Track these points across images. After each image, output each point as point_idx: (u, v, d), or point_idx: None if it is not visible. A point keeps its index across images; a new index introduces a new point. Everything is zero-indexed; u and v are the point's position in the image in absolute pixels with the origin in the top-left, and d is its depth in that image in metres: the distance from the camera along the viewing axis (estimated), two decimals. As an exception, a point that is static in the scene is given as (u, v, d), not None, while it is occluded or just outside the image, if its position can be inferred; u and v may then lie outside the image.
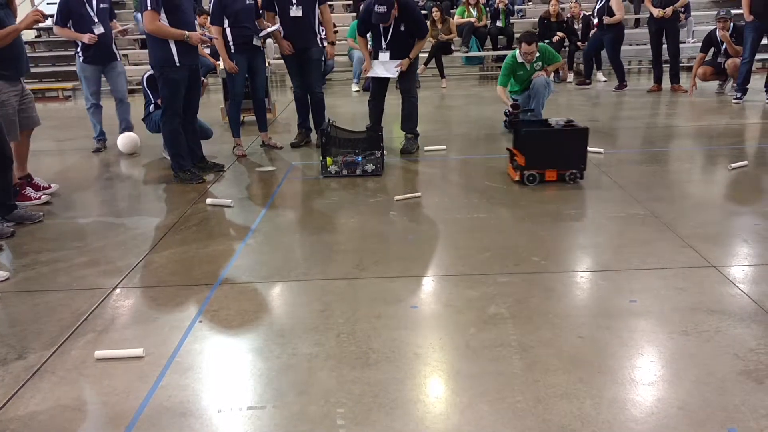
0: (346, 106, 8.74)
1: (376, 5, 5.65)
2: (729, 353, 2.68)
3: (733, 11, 8.85)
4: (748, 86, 7.86)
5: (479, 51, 11.23)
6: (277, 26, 6.17)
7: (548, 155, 5.02)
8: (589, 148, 5.86)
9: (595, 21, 9.42)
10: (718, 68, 8.55)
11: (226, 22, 5.94)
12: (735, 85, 8.06)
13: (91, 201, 5.24)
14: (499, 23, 11.06)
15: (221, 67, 6.25)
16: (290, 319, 3.12)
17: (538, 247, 3.87)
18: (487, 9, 11.15)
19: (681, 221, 4.19)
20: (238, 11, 5.95)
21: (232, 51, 6.03)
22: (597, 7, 9.37)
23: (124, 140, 6.74)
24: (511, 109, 6.18)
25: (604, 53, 9.81)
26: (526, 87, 6.79)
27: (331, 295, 3.35)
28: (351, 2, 12.25)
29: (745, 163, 5.34)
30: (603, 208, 4.54)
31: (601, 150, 5.84)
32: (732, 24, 8.38)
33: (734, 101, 7.84)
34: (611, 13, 9.05)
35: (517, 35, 9.51)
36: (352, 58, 10.35)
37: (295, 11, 6.15)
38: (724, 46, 8.43)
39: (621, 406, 2.37)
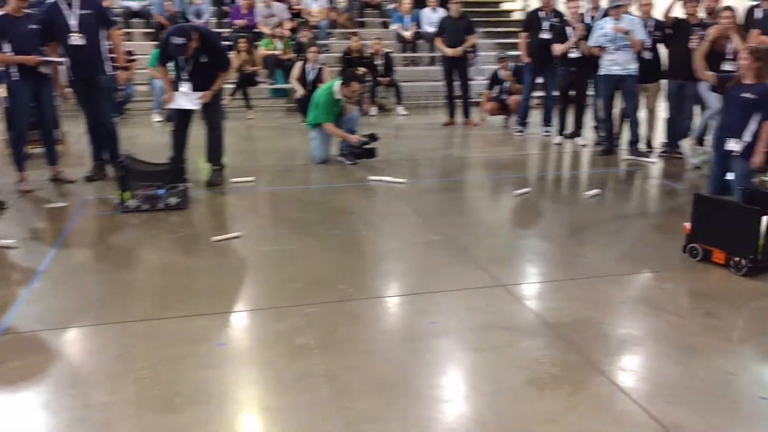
0: (147, 137, 8.36)
1: (173, 36, 5.49)
2: (518, 365, 2.92)
3: (510, 53, 9.81)
4: (528, 120, 8.73)
5: (285, 83, 11.34)
6: (59, 59, 5.77)
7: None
8: (392, 179, 6.13)
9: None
10: (502, 104, 9.40)
11: (7, 47, 5.45)
12: (517, 119, 8.91)
13: None
14: (302, 56, 11.26)
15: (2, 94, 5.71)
16: (84, 368, 2.89)
17: (345, 275, 3.96)
18: (292, 42, 11.33)
19: (475, 245, 4.52)
20: (19, 36, 5.48)
21: (16, 78, 5.53)
22: None
23: None
24: (356, 144, 6.82)
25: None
26: (337, 120, 6.98)
27: (130, 338, 3.16)
28: (152, 30, 11.81)
29: (528, 189, 5.89)
30: (405, 235, 4.76)
31: (404, 180, 6.14)
32: (513, 65, 9.28)
33: (516, 134, 8.66)
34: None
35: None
36: (154, 87, 9.97)
37: (77, 39, 5.78)
38: (507, 85, 9.30)
39: (425, 426, 2.49)
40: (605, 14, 7.34)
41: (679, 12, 7.21)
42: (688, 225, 4.28)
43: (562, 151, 7.82)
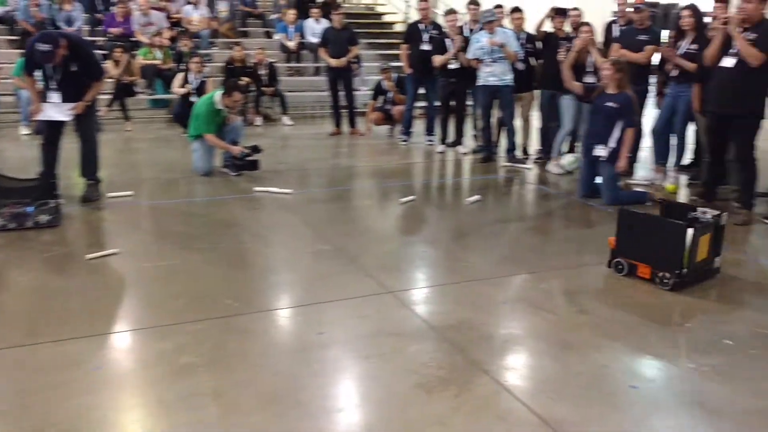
0: (14, 151, 7.83)
1: (39, 43, 5.18)
2: (407, 370, 2.97)
3: (393, 64, 10.00)
4: (412, 130, 8.93)
5: (165, 93, 10.98)
6: None
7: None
8: (278, 190, 6.08)
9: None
10: (387, 114, 9.56)
11: None
12: (402, 128, 9.09)
13: None
14: (183, 66, 10.94)
15: None
16: (-57, 402, 2.65)
17: (231, 289, 3.87)
18: (171, 51, 10.99)
19: (363, 253, 4.55)
20: None
21: None
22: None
23: None
24: (239, 156, 6.76)
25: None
26: (219, 130, 6.82)
27: (-3, 367, 2.94)
28: (17, 37, 11.07)
29: (413, 197, 6.02)
30: (293, 246, 4.73)
31: (290, 190, 6.10)
32: (396, 75, 9.46)
33: (401, 143, 8.83)
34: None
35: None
36: (20, 97, 9.34)
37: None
38: (390, 95, 9.47)
39: (315, 437, 2.47)
40: (481, 28, 7.64)
41: (548, 26, 7.64)
42: (612, 239, 4.20)
43: (444, 159, 8.05)
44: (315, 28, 11.50)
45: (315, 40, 10.98)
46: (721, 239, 4.17)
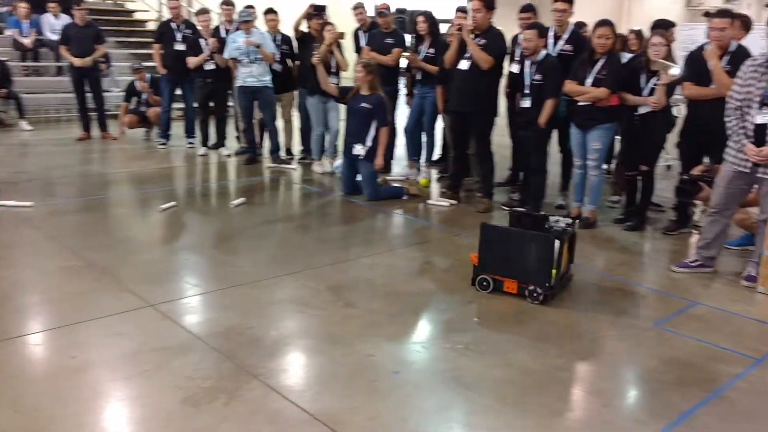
0: None
1: None
2: (171, 386, 2.83)
3: (147, 64, 9.48)
4: (170, 132, 8.53)
5: None
6: None
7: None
8: (15, 203, 5.48)
9: None
10: (142, 116, 9.03)
11: None
12: (159, 131, 8.65)
13: None
14: None
15: None
16: None
17: (-40, 320, 3.38)
18: None
19: (120, 266, 4.25)
20: None
21: None
22: None
23: None
24: None
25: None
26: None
27: None
28: None
29: (174, 203, 5.75)
30: (36, 264, 4.26)
31: (31, 203, 5.49)
32: (149, 75, 8.96)
33: (160, 147, 8.40)
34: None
35: None
36: None
37: None
38: (145, 96, 8.95)
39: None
40: (237, 28, 7.54)
41: (305, 26, 7.74)
42: (474, 256, 4.03)
43: (207, 162, 7.83)
44: (54, 23, 10.48)
45: (55, 36, 10.01)
46: (575, 247, 4.27)
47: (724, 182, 4.32)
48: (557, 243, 3.84)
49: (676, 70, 4.90)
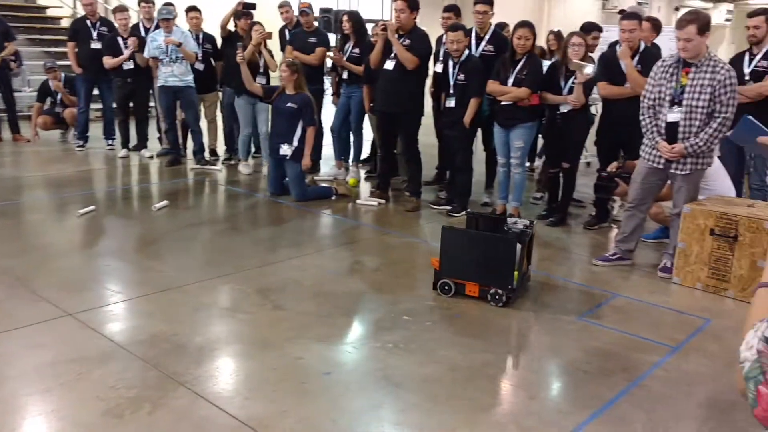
0: None
1: None
2: (93, 397, 2.72)
3: (61, 62, 9.11)
4: (88, 134, 8.21)
5: None
6: None
7: None
8: None
9: None
10: (57, 117, 8.66)
11: None
12: (76, 133, 8.31)
13: None
14: None
15: None
16: None
17: None
18: None
19: (35, 274, 4.06)
20: None
21: None
22: None
23: None
24: None
25: None
26: None
27: None
28: None
29: (93, 207, 5.54)
30: (-57, 275, 4.02)
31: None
32: (64, 75, 8.60)
33: (77, 149, 8.08)
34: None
35: None
36: None
37: None
38: (60, 96, 8.59)
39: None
40: (157, 26, 7.33)
41: (231, 25, 7.59)
42: (435, 260, 3.97)
43: (128, 165, 7.58)
44: (-43, 19, 9.92)
45: (-44, 33, 9.48)
46: (533, 248, 4.28)
47: (640, 178, 4.50)
48: (518, 246, 3.84)
49: (589, 69, 5.07)
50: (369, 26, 7.00)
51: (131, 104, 7.86)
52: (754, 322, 0.98)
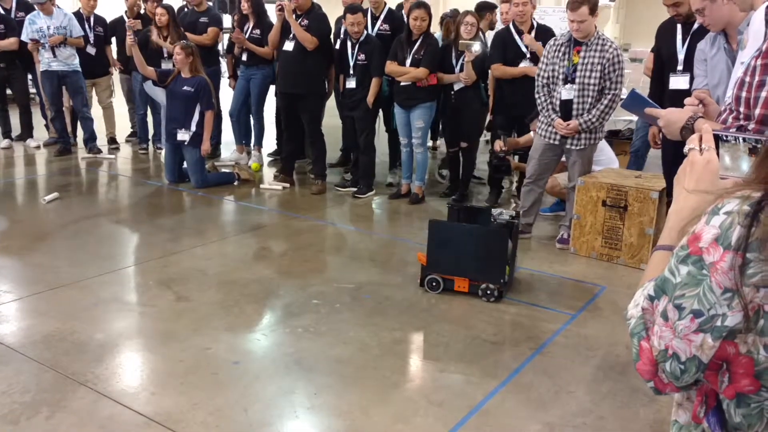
0: None
1: None
2: (-17, 405, 2.55)
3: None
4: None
5: None
6: None
7: None
8: None
9: None
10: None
11: None
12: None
13: None
14: None
15: None
16: None
17: None
18: None
19: None
20: None
21: None
22: None
23: None
24: None
25: None
26: None
27: None
28: None
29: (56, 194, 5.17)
30: None
31: None
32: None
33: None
34: None
35: None
36: None
37: None
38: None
39: None
40: (21, 8, 6.89)
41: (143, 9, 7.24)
42: (422, 255, 3.80)
43: (12, 156, 7.11)
44: None
45: None
46: (517, 238, 4.04)
47: (537, 154, 4.66)
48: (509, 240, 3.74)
49: (477, 47, 5.15)
50: (269, 7, 6.84)
51: (9, 91, 7.35)
52: (644, 282, 1.03)
